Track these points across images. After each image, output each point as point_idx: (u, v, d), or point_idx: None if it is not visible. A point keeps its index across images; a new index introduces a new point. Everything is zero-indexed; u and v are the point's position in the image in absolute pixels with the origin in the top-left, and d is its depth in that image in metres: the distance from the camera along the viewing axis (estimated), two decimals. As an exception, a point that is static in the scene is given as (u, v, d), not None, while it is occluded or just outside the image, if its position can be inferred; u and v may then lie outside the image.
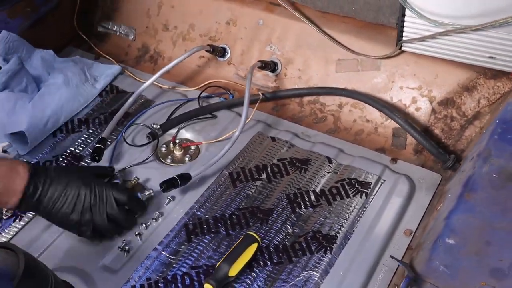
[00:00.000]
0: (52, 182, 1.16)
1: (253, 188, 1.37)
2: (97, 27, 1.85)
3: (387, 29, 1.50)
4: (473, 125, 1.42)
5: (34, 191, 1.14)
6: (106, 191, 1.20)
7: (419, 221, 1.30)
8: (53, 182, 1.17)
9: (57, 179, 1.17)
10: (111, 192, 1.21)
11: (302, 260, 1.21)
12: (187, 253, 1.23)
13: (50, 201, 1.16)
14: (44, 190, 1.15)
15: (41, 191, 1.15)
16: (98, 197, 1.19)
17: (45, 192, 1.15)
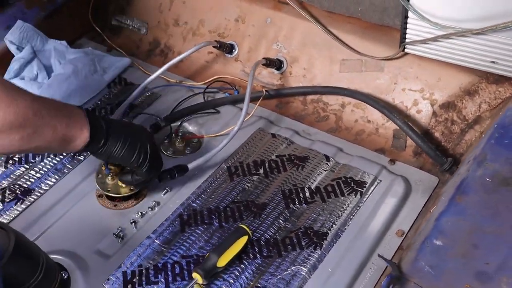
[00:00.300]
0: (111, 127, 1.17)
1: (249, 182, 1.38)
2: (111, 20, 1.89)
3: (392, 30, 1.50)
4: (474, 129, 1.41)
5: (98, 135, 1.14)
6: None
7: (412, 222, 1.31)
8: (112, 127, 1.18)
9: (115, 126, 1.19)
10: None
11: (292, 255, 1.23)
12: (179, 243, 1.26)
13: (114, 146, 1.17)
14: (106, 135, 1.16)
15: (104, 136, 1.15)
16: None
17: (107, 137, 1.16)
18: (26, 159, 1.45)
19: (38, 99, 1.04)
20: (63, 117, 1.07)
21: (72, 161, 1.45)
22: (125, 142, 1.18)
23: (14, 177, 1.41)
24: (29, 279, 1.06)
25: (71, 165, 1.44)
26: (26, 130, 0.99)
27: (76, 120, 1.10)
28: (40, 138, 1.02)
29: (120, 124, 1.22)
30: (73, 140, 1.10)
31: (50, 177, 1.41)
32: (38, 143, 1.03)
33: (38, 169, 1.43)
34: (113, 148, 1.17)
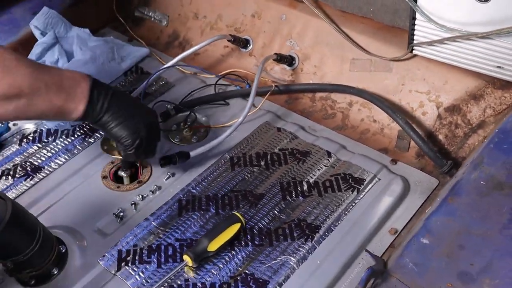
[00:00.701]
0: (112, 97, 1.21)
1: (249, 173, 1.41)
2: (134, 11, 1.95)
3: (402, 32, 1.51)
4: (477, 134, 1.41)
5: (96, 104, 1.18)
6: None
7: (407, 222, 1.31)
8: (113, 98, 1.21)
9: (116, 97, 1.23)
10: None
11: (282, 245, 1.25)
12: (175, 226, 1.29)
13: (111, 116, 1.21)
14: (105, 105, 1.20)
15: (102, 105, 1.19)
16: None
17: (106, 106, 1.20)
18: (40, 138, 1.52)
19: (39, 71, 1.08)
20: (62, 90, 1.12)
21: (83, 143, 1.50)
22: (120, 121, 1.22)
23: (26, 155, 1.48)
24: (25, 248, 1.11)
25: (81, 146, 1.50)
26: (21, 101, 1.04)
27: (75, 94, 1.14)
28: (34, 109, 1.08)
29: (124, 100, 1.25)
30: (68, 112, 1.15)
31: (60, 157, 1.47)
32: (31, 114, 1.09)
33: (50, 148, 1.49)
34: (106, 124, 1.21)
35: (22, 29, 1.76)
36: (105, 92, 1.21)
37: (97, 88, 1.19)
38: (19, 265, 1.14)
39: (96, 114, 1.19)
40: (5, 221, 1.04)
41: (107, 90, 1.21)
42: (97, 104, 1.19)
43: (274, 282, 1.18)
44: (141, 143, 1.25)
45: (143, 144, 1.26)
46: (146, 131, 1.26)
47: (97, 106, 1.19)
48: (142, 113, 1.30)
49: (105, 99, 1.20)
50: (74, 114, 1.16)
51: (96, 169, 1.43)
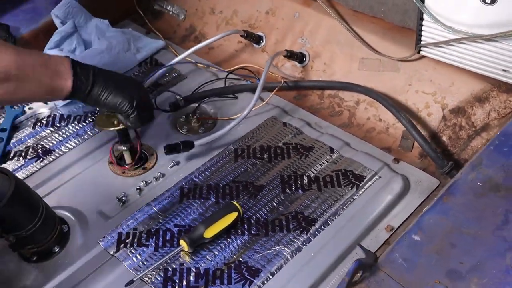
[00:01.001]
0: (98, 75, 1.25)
1: (252, 165, 1.44)
2: (154, 5, 1.99)
3: (412, 32, 1.52)
4: (480, 137, 1.41)
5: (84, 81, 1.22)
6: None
7: (404, 220, 1.33)
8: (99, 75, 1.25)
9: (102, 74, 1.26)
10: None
11: (278, 236, 1.28)
12: (175, 212, 1.33)
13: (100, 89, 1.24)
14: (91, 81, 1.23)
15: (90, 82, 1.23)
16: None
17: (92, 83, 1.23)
18: (53, 122, 1.57)
19: (22, 54, 1.12)
20: (48, 69, 1.16)
21: (93, 129, 1.55)
22: (111, 90, 1.24)
23: (39, 138, 1.53)
24: (27, 224, 1.16)
25: (92, 132, 1.54)
26: (10, 84, 1.09)
27: (60, 71, 1.18)
28: (24, 90, 1.12)
29: (108, 74, 1.27)
30: (57, 90, 1.19)
31: (71, 141, 1.52)
32: (23, 95, 1.13)
33: (61, 132, 1.54)
34: (99, 96, 1.24)
35: (44, 17, 1.81)
36: (87, 68, 1.24)
37: (79, 65, 1.23)
38: (21, 241, 1.18)
39: (84, 87, 1.22)
40: (8, 196, 1.09)
41: (89, 67, 1.25)
42: (83, 78, 1.22)
43: (266, 271, 1.21)
44: (139, 104, 1.28)
45: (141, 105, 1.28)
46: (139, 93, 1.29)
47: (84, 79, 1.22)
48: (129, 80, 1.34)
49: (89, 73, 1.23)
50: (65, 91, 1.20)
51: (103, 155, 1.48)
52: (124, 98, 1.26)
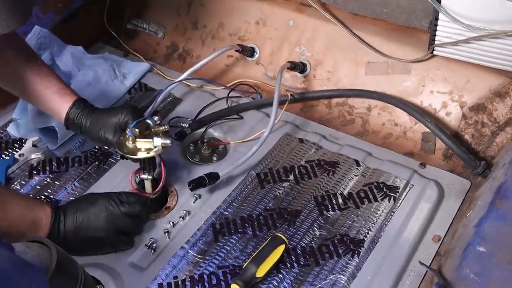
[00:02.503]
0: (67, 215, 1.19)
1: (280, 189, 1.36)
2: (127, 24, 1.86)
3: (418, 32, 1.49)
4: (505, 132, 1.40)
5: (58, 229, 1.17)
6: (117, 209, 1.20)
7: (448, 227, 1.29)
8: (69, 215, 1.19)
9: (73, 211, 1.19)
10: (121, 209, 1.21)
11: (329, 263, 1.21)
12: (214, 253, 1.23)
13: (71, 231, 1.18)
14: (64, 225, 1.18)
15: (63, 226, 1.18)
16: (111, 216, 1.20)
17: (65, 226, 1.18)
18: (51, 168, 1.43)
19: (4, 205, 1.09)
20: (25, 220, 1.12)
21: (98, 170, 1.42)
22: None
23: (39, 188, 1.38)
24: (69, 294, 1.03)
25: (97, 174, 1.41)
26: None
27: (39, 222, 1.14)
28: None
29: (77, 212, 1.19)
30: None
31: (77, 187, 1.38)
32: None
33: (63, 179, 1.40)
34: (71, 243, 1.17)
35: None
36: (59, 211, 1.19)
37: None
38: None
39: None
40: (52, 270, 0.96)
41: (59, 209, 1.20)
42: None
43: (328, 304, 1.14)
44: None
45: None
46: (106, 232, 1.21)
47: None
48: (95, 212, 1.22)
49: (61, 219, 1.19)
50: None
51: (117, 198, 1.35)
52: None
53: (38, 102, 1.33)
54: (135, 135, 1.23)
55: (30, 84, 1.29)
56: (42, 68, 1.32)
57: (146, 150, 1.23)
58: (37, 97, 1.31)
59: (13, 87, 1.34)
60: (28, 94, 1.31)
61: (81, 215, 1.18)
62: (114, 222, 1.20)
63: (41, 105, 1.33)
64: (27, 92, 1.31)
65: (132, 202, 1.22)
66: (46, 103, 1.31)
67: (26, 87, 1.30)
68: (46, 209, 1.16)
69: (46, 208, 1.17)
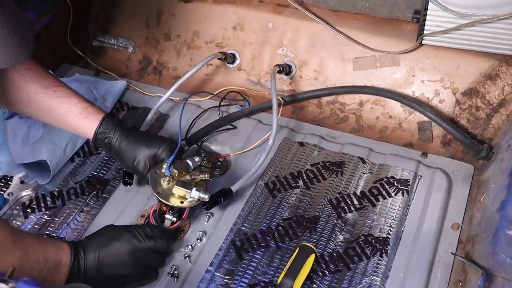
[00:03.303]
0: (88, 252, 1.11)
1: (293, 196, 1.33)
2: (92, 41, 1.76)
3: (402, 23, 1.50)
4: (499, 113, 1.43)
5: (78, 267, 1.09)
6: (143, 244, 1.13)
7: (463, 214, 1.30)
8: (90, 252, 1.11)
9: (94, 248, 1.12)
10: (147, 245, 1.14)
11: (360, 266, 1.19)
12: (241, 271, 1.19)
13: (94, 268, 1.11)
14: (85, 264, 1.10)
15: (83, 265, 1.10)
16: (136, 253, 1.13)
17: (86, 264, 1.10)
18: (46, 204, 1.33)
19: (27, 251, 1.00)
20: (46, 264, 1.03)
21: (98, 200, 1.34)
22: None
23: (38, 227, 1.29)
24: None
25: (98, 204, 1.33)
26: None
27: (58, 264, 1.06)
28: None
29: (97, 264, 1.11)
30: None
31: (78, 221, 1.29)
32: None
33: (62, 214, 1.31)
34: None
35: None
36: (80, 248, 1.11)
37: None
38: None
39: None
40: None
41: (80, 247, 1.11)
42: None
43: (369, 308, 1.13)
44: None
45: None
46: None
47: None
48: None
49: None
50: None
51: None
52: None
53: (63, 125, 1.28)
54: (172, 176, 1.19)
55: (51, 110, 1.24)
56: (60, 89, 1.26)
57: (180, 198, 1.18)
58: (61, 120, 1.26)
59: (35, 115, 1.29)
60: (52, 118, 1.27)
61: (103, 251, 1.10)
62: (139, 257, 1.12)
63: (67, 128, 1.28)
64: (51, 117, 1.26)
65: (158, 237, 1.15)
66: (72, 126, 1.26)
67: (50, 113, 1.25)
68: (65, 248, 1.08)
69: (64, 246, 1.08)
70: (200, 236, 1.26)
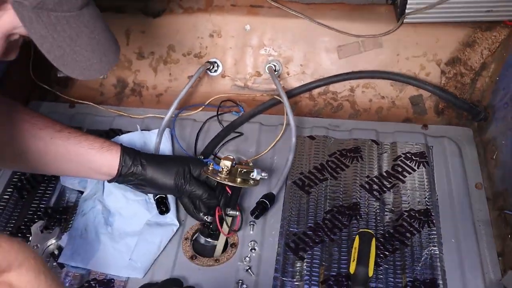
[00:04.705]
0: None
1: (325, 189, 1.35)
2: (57, 72, 1.65)
3: (375, 7, 1.56)
4: (482, 76, 1.53)
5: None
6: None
7: (480, 173, 1.39)
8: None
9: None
10: None
11: (415, 240, 1.24)
12: (308, 271, 1.19)
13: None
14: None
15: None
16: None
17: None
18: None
19: None
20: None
21: (133, 233, 1.27)
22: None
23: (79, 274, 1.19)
24: None
25: (133, 237, 1.26)
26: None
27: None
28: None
29: None
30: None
31: (122, 259, 1.22)
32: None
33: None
34: None
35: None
36: None
37: None
38: None
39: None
40: None
41: None
42: None
43: (438, 276, 1.17)
44: None
45: None
46: None
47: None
48: None
49: None
50: None
51: (172, 253, 1.22)
52: None
53: (83, 168, 1.19)
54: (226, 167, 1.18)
55: (70, 153, 1.17)
56: (71, 130, 1.19)
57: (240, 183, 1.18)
58: (81, 163, 1.18)
59: (50, 166, 1.20)
60: (70, 164, 1.19)
61: None
62: None
63: (87, 170, 1.20)
64: (70, 162, 1.18)
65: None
66: (95, 164, 1.18)
67: (68, 158, 1.17)
68: None
69: None
70: (252, 246, 1.23)
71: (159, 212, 1.26)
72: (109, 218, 1.26)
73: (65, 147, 1.17)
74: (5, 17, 0.79)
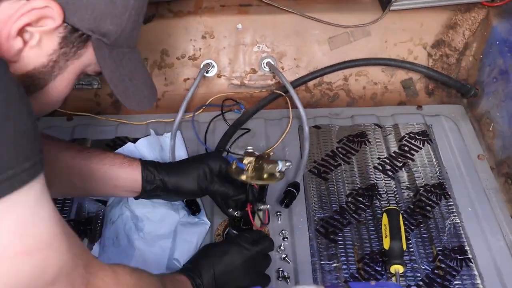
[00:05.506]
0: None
1: (341, 174, 1.39)
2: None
3: (362, -4, 1.63)
4: (466, 55, 1.63)
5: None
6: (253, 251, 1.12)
7: (479, 145, 1.48)
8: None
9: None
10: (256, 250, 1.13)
11: (436, 213, 1.30)
12: (343, 252, 1.23)
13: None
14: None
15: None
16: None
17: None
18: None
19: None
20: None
21: (163, 236, 1.26)
22: None
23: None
24: None
25: (165, 240, 1.26)
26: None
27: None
28: None
29: None
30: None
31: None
32: None
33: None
34: None
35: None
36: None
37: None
38: None
39: None
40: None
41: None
42: None
43: (464, 243, 1.24)
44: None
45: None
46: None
47: None
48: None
49: None
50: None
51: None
52: None
53: (108, 186, 1.16)
54: (250, 164, 1.14)
55: (93, 171, 1.13)
56: (90, 150, 1.17)
57: (267, 178, 1.15)
58: (105, 180, 1.14)
59: (74, 187, 1.16)
60: (93, 183, 1.14)
61: (218, 270, 1.07)
62: (253, 265, 1.11)
63: (112, 188, 1.16)
64: (94, 181, 1.14)
65: (261, 238, 1.14)
66: (119, 179, 1.15)
67: (92, 176, 1.13)
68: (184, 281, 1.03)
69: (183, 279, 1.03)
70: (284, 235, 1.26)
71: (191, 213, 1.27)
72: (138, 223, 1.25)
73: (87, 166, 1.14)
74: (87, 54, 0.82)
